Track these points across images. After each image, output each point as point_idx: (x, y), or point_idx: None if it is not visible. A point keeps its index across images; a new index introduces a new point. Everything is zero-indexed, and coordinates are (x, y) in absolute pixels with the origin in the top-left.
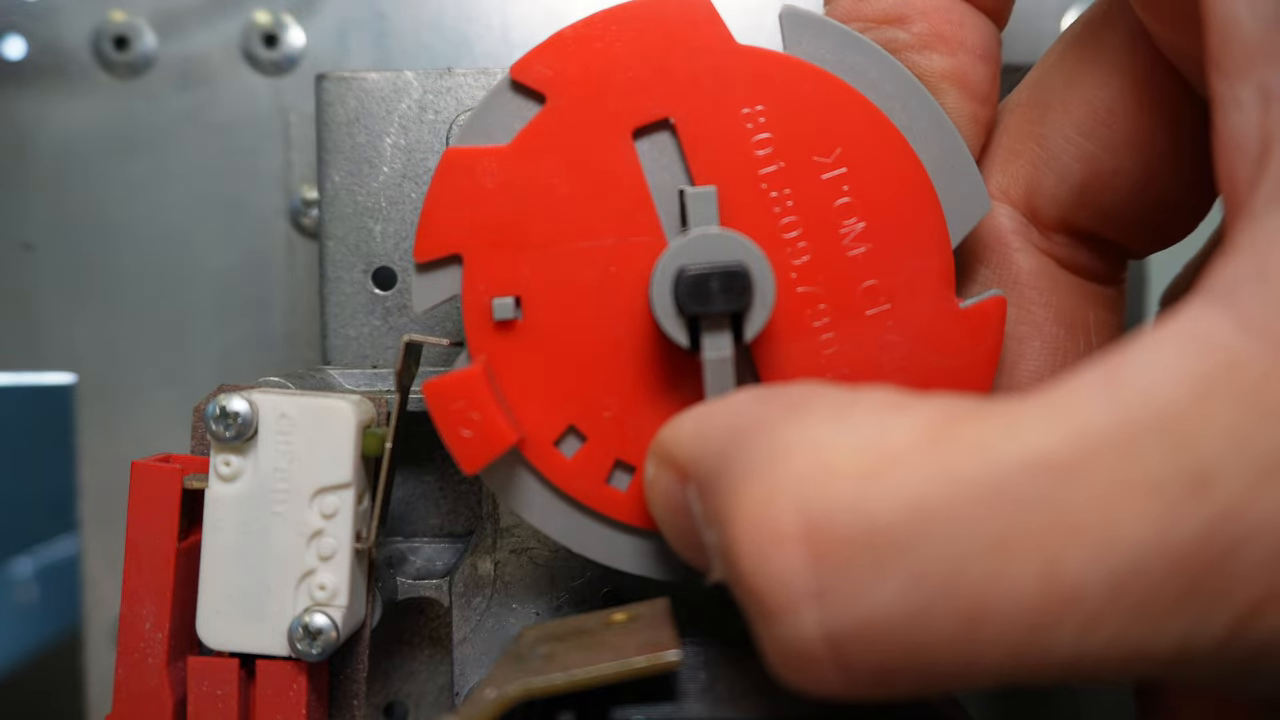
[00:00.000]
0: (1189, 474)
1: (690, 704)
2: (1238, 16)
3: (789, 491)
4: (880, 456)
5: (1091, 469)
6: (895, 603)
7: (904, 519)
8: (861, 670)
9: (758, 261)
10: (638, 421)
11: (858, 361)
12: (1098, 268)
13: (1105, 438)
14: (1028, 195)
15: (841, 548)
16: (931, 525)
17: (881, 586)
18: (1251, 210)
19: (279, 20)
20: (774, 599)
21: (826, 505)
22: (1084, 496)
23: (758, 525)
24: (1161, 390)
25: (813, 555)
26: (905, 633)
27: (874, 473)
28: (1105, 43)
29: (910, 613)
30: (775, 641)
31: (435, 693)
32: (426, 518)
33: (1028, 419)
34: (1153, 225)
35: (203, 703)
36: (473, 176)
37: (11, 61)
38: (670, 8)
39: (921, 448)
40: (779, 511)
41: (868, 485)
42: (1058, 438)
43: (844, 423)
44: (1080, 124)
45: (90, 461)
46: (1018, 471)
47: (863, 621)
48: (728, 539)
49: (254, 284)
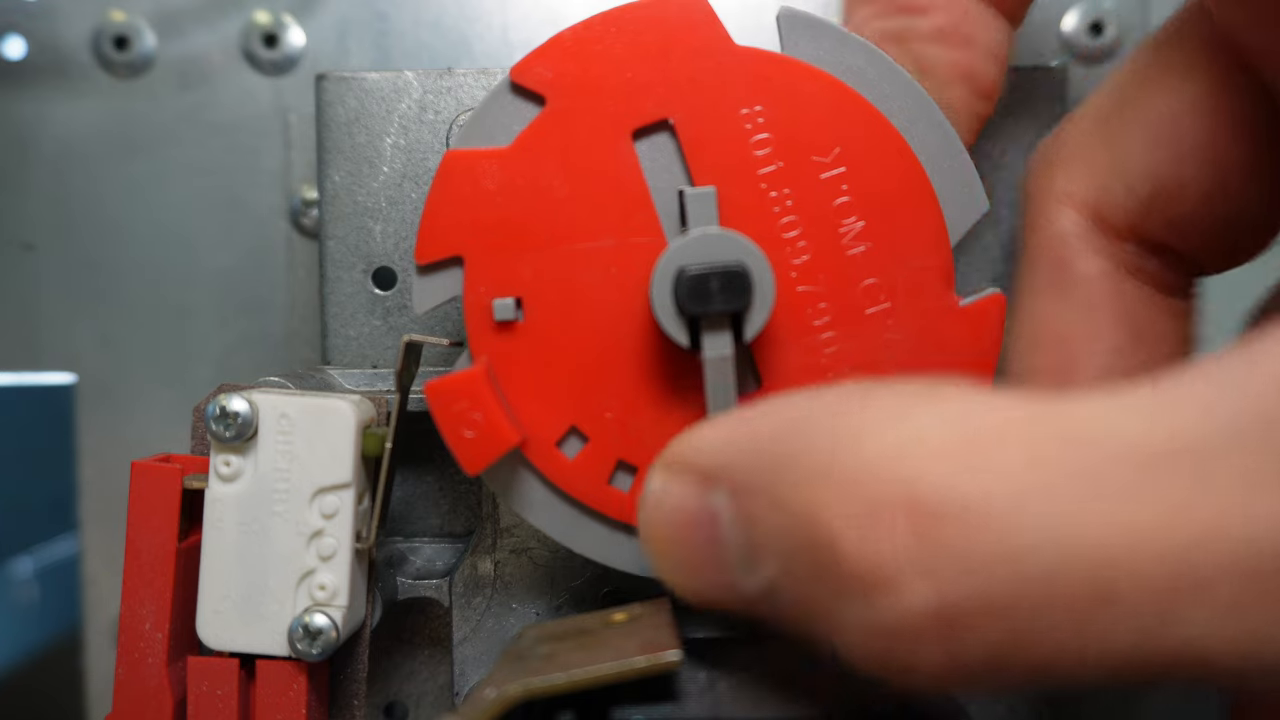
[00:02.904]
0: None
1: (690, 704)
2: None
3: (884, 468)
4: (976, 433)
5: (1221, 454)
6: (1012, 578)
7: (1012, 490)
8: (970, 651)
9: (757, 261)
10: (639, 422)
11: (858, 360)
12: (1168, 279)
13: (1232, 425)
14: (1096, 201)
15: (950, 522)
16: (1043, 500)
17: (996, 561)
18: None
19: (279, 20)
20: (880, 574)
21: (927, 479)
22: (1220, 479)
23: (854, 502)
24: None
25: (919, 529)
26: (1024, 610)
27: (973, 448)
28: (1180, 50)
29: (1029, 589)
30: (875, 623)
31: (435, 693)
32: (426, 518)
33: (1138, 404)
34: (1226, 239)
35: (203, 703)
36: (473, 178)
37: (11, 61)
38: (669, 9)
39: (1019, 425)
40: (878, 487)
41: (968, 459)
42: (1186, 421)
43: (924, 406)
44: (1151, 132)
45: (90, 461)
46: (1140, 450)
47: (977, 596)
48: (812, 525)
49: (254, 284)
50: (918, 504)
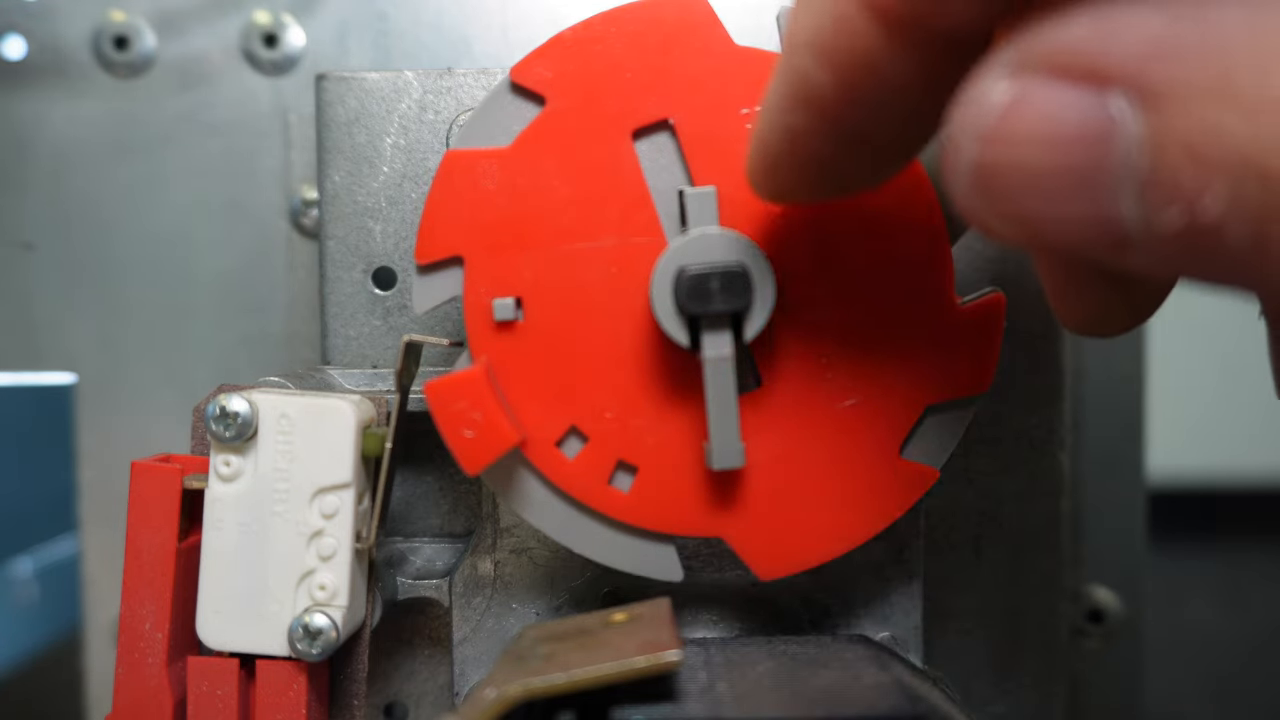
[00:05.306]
0: None
1: (690, 704)
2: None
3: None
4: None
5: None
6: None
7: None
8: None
9: (757, 261)
10: (639, 422)
11: (857, 359)
12: None
13: None
14: None
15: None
16: None
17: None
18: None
19: (279, 20)
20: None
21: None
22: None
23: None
24: None
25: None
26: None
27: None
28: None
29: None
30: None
31: (435, 693)
32: (426, 518)
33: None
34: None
35: (203, 703)
36: (473, 178)
37: (11, 61)
38: (669, 9)
39: None
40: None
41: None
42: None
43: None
44: None
45: (90, 461)
46: None
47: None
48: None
49: (254, 284)
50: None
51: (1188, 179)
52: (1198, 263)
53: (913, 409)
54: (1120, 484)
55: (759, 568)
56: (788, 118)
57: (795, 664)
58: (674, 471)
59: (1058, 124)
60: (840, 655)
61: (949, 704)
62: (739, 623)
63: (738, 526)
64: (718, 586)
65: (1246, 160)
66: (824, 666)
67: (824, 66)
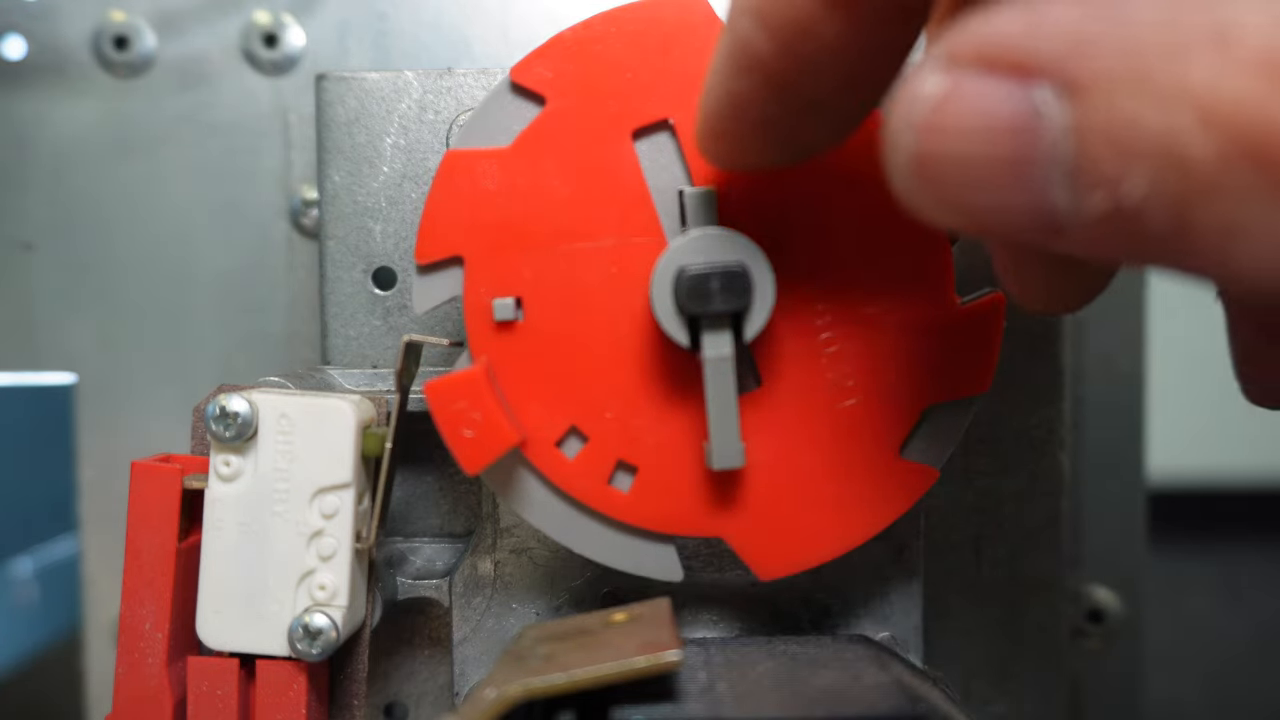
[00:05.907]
0: None
1: (690, 704)
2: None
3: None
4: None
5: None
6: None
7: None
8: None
9: (757, 261)
10: (639, 422)
11: (857, 359)
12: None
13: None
14: None
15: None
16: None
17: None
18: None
19: (279, 20)
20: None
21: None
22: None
23: (1265, 68)
24: None
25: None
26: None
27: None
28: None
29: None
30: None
31: (435, 693)
32: (426, 518)
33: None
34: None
35: (202, 703)
36: (473, 178)
37: (11, 61)
38: (669, 9)
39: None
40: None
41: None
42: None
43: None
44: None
45: (90, 461)
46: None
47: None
48: (1212, 94)
49: (254, 284)
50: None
51: (1109, 166)
52: (1126, 245)
53: (913, 409)
54: (1120, 484)
55: (759, 568)
56: (731, 82)
57: (795, 664)
58: (674, 471)
59: (988, 116)
60: (840, 655)
61: (949, 704)
62: (739, 623)
63: (738, 526)
64: (718, 586)
65: (1162, 148)
66: (824, 666)
67: (764, 31)
